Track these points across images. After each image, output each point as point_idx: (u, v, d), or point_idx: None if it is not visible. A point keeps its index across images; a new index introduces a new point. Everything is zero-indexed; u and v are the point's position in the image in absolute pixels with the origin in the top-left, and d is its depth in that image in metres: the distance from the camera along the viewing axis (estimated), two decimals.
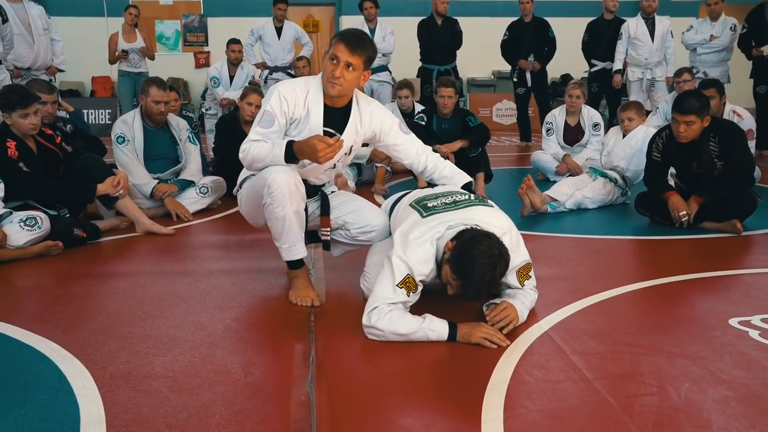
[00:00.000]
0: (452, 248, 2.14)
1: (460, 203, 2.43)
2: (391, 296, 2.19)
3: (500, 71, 10.54)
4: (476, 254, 2.07)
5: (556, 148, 5.51)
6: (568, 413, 1.76)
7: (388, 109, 5.35)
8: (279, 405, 1.81)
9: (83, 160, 3.75)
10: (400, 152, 2.75)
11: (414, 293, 2.23)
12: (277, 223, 2.52)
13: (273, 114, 2.51)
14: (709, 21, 7.14)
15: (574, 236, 3.70)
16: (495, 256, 2.09)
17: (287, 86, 2.56)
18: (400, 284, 2.18)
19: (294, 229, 2.54)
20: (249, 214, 2.80)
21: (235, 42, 6.80)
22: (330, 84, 2.46)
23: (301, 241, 2.59)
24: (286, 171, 2.45)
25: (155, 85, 4.18)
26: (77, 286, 2.88)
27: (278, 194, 2.44)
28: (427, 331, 2.15)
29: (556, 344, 2.20)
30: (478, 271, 2.07)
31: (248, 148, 2.50)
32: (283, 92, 2.52)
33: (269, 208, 2.49)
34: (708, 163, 3.64)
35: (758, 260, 3.28)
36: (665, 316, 2.49)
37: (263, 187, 2.48)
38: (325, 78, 2.48)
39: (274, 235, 2.59)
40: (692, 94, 3.66)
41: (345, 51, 2.41)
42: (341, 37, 2.45)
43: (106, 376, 1.98)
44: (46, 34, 5.59)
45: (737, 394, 1.84)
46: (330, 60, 2.44)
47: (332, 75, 2.44)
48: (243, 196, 2.78)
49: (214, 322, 2.43)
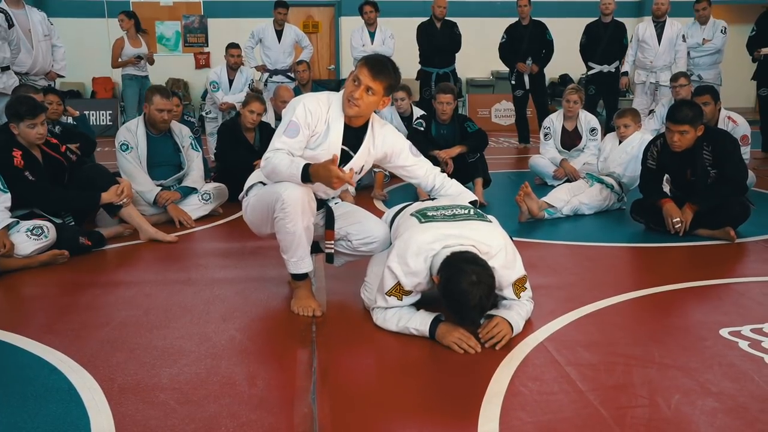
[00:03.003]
0: (439, 283, 2.25)
1: (458, 216, 2.50)
2: (382, 303, 2.45)
3: (499, 72, 10.59)
4: (463, 292, 2.16)
5: (554, 152, 5.57)
6: (562, 425, 1.82)
7: (387, 113, 5.47)
8: (283, 417, 1.88)
9: (88, 169, 3.81)
10: (409, 173, 2.83)
11: (408, 296, 2.41)
12: (286, 238, 2.58)
13: (298, 125, 2.54)
14: (699, 25, 7.22)
15: (571, 243, 3.77)
16: (481, 287, 2.17)
17: (312, 100, 2.59)
18: (389, 293, 2.40)
19: (303, 245, 2.60)
20: (254, 223, 2.82)
21: (234, 46, 6.84)
22: (348, 104, 2.54)
23: (308, 256, 2.66)
24: (299, 187, 2.50)
25: (158, 93, 4.24)
26: (83, 295, 2.95)
27: (291, 210, 2.50)
28: (412, 330, 2.39)
29: (551, 355, 2.26)
30: (468, 307, 2.18)
31: (271, 156, 2.51)
32: (308, 105, 2.56)
33: (280, 223, 2.54)
34: (702, 172, 3.71)
35: (750, 269, 3.35)
36: (658, 326, 2.55)
37: (276, 201, 2.52)
38: (345, 97, 2.55)
39: (283, 248, 2.65)
40: (686, 104, 3.72)
41: (367, 75, 2.48)
42: (366, 61, 2.52)
43: (115, 388, 2.04)
44: (46, 39, 5.63)
45: (725, 406, 1.91)
46: (352, 81, 2.52)
47: (352, 95, 2.51)
48: (250, 204, 2.78)
49: (218, 332, 2.50)
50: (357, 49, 7.54)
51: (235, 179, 4.83)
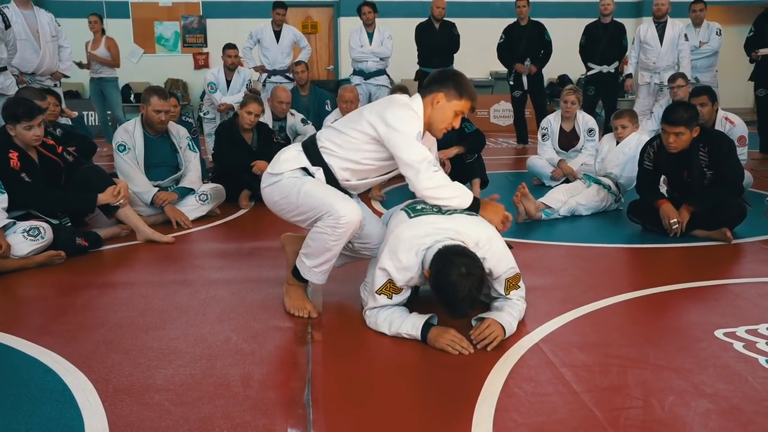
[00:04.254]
0: (429, 277, 2.28)
1: (444, 210, 2.52)
2: (371, 303, 2.47)
3: (498, 72, 10.57)
4: (452, 284, 2.19)
5: (552, 153, 5.57)
6: (556, 427, 1.82)
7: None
8: (277, 419, 1.88)
9: (84, 170, 3.81)
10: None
11: (398, 294, 2.43)
12: (320, 250, 2.54)
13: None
14: (693, 28, 7.23)
15: (568, 244, 3.77)
16: (470, 278, 2.20)
17: (416, 118, 2.53)
18: (379, 291, 2.42)
19: (332, 262, 2.59)
20: (280, 206, 2.62)
21: (231, 47, 6.84)
22: (444, 130, 2.60)
23: (328, 272, 2.64)
24: (358, 211, 2.48)
25: (156, 94, 4.24)
26: (80, 296, 2.95)
27: (342, 232, 2.46)
28: (403, 334, 2.38)
29: (546, 356, 2.26)
30: (458, 298, 2.21)
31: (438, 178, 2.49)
32: (419, 126, 2.54)
33: (323, 236, 2.49)
34: (698, 173, 3.71)
35: (746, 269, 3.36)
36: (653, 327, 2.55)
37: (329, 214, 2.45)
38: (444, 125, 2.58)
39: (308, 253, 2.58)
40: (681, 106, 3.73)
41: (470, 109, 2.61)
42: (474, 98, 2.59)
43: (110, 390, 2.04)
44: (54, 41, 5.67)
45: (719, 407, 1.91)
46: (455, 114, 2.56)
47: (452, 126, 2.59)
48: (282, 186, 2.57)
49: (213, 333, 2.50)
50: (355, 49, 7.55)
51: (233, 180, 4.87)
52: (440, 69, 2.75)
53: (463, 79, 2.59)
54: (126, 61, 10.80)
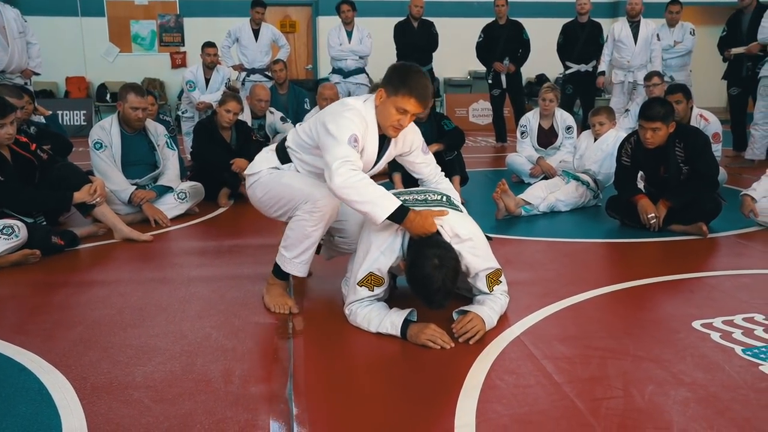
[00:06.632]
0: (405, 269, 2.30)
1: (430, 202, 2.52)
2: (352, 296, 2.47)
3: (476, 71, 10.63)
4: (426, 276, 2.20)
5: (531, 150, 5.61)
6: (538, 417, 1.83)
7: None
8: (260, 414, 1.86)
9: (59, 168, 3.74)
10: (415, 168, 2.86)
11: (379, 286, 2.43)
12: (299, 238, 2.55)
13: (357, 142, 2.43)
14: (668, 27, 7.34)
15: (547, 240, 3.80)
16: (444, 270, 2.20)
17: (359, 124, 2.45)
18: (360, 283, 2.42)
19: (311, 250, 2.59)
20: (262, 202, 2.67)
21: (210, 45, 6.79)
22: (393, 130, 2.52)
23: (308, 263, 2.64)
24: (333, 197, 2.44)
25: (133, 91, 4.18)
26: (56, 295, 2.90)
27: (319, 217, 2.49)
28: (381, 329, 2.37)
29: (527, 349, 2.28)
30: (432, 290, 2.21)
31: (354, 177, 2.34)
32: (359, 129, 2.44)
33: (301, 223, 2.51)
34: (674, 168, 3.76)
35: (721, 262, 3.41)
36: (632, 319, 2.58)
37: (306, 201, 2.49)
38: (389, 123, 2.48)
39: (288, 245, 2.60)
40: (657, 102, 3.78)
41: (416, 106, 2.45)
42: (413, 93, 2.42)
43: (87, 388, 2.01)
44: (21, 37, 5.55)
45: (697, 395, 1.94)
46: (397, 111, 2.45)
47: (399, 124, 2.49)
48: (262, 182, 2.64)
49: (194, 330, 2.47)
50: (334, 48, 7.53)
51: (212, 178, 4.82)
52: (397, 63, 2.65)
53: (405, 72, 2.45)
54: (101, 60, 10.69)
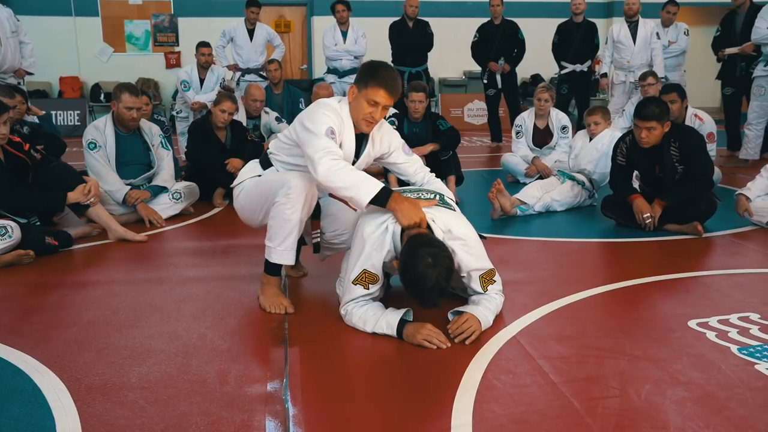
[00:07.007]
0: (399, 268, 2.28)
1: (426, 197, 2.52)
2: (347, 296, 2.46)
3: (471, 71, 10.64)
4: (420, 275, 2.17)
5: (526, 150, 5.61)
6: (534, 417, 1.83)
7: None
8: (255, 414, 1.85)
9: (53, 168, 3.72)
10: (399, 169, 2.86)
11: (374, 284, 2.42)
12: (280, 224, 2.56)
13: (333, 134, 2.48)
14: (662, 27, 7.36)
15: (543, 239, 3.80)
16: (437, 268, 2.18)
17: (334, 118, 2.51)
18: (355, 281, 2.41)
19: (294, 235, 2.59)
20: (247, 210, 2.77)
21: (205, 45, 6.78)
22: (366, 124, 2.55)
23: (294, 249, 2.63)
24: (308, 179, 2.51)
25: (127, 91, 4.16)
26: (50, 295, 2.88)
27: (295, 197, 2.51)
28: (377, 329, 2.37)
29: (524, 348, 2.27)
30: (426, 289, 2.19)
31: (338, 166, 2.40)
32: (333, 121, 2.49)
33: (279, 208, 2.53)
34: (669, 167, 3.77)
35: (716, 262, 3.42)
36: (628, 318, 2.58)
37: (281, 186, 2.53)
38: (361, 117, 2.53)
39: (271, 235, 2.61)
40: (653, 101, 3.78)
41: (386, 97, 2.49)
42: (382, 84, 2.47)
43: (82, 389, 1.99)
44: (14, 36, 5.52)
45: (693, 394, 1.94)
46: (368, 103, 2.49)
47: (372, 117, 2.53)
48: (245, 189, 2.76)
49: (189, 331, 2.46)
50: (329, 48, 7.52)
51: (207, 178, 4.81)
52: (366, 62, 2.69)
53: (375, 67, 2.53)
54: (95, 60, 10.65)
